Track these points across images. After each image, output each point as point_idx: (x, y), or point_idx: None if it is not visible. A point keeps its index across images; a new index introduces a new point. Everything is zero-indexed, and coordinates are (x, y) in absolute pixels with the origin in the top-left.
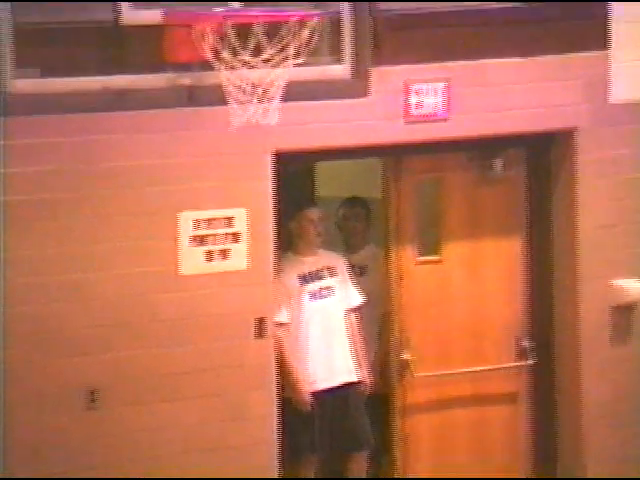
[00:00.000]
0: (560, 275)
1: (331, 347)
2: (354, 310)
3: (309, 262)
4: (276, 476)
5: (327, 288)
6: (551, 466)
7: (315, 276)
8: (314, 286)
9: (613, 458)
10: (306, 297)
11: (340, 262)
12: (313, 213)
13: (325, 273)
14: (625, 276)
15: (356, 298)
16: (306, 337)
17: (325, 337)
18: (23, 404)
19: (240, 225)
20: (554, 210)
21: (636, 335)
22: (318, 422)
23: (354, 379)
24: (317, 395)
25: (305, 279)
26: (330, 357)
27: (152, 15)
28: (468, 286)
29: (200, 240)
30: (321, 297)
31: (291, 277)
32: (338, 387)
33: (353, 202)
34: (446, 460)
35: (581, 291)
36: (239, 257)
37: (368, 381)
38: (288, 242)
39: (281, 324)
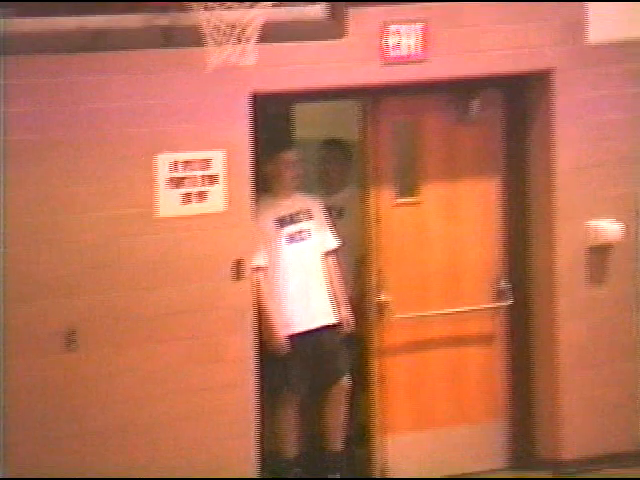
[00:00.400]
0: (536, 216)
1: (308, 290)
2: (331, 253)
3: (286, 205)
4: (255, 417)
5: (304, 231)
6: (527, 407)
7: (292, 219)
8: (291, 229)
9: (588, 399)
10: (283, 240)
11: (316, 205)
12: (290, 155)
13: (302, 216)
14: (601, 217)
15: (332, 241)
16: (284, 280)
17: (302, 280)
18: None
19: (217, 167)
20: (531, 151)
21: (612, 276)
22: (296, 363)
23: (332, 321)
24: (295, 338)
25: (282, 222)
26: (307, 300)
27: None
28: (446, 228)
29: (177, 182)
30: (298, 240)
31: (268, 220)
32: (316, 329)
33: (331, 144)
34: (423, 401)
35: (557, 232)
36: (217, 199)
37: (347, 321)
38: (264, 184)
39: (259, 268)
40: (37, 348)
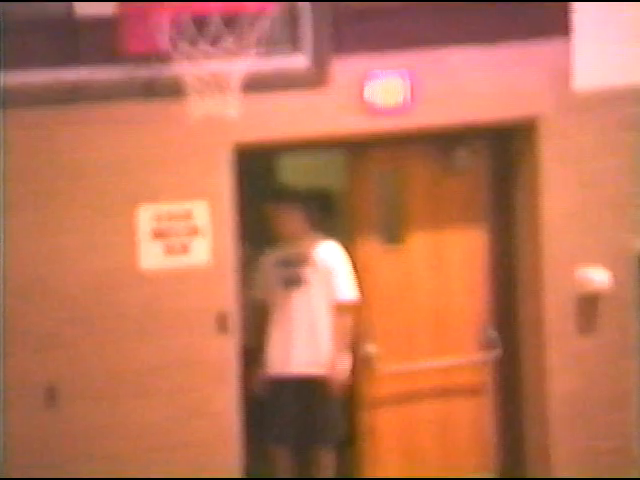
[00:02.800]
0: (524, 265)
1: (293, 335)
2: (343, 305)
3: (289, 249)
4: (240, 471)
5: (300, 277)
6: (518, 459)
7: (290, 263)
8: (286, 272)
9: (580, 451)
10: (278, 281)
11: (328, 253)
12: (270, 208)
13: (303, 261)
14: (590, 265)
15: (344, 293)
16: (271, 321)
17: (288, 324)
18: None
19: (201, 219)
20: (517, 199)
21: (602, 325)
22: (279, 412)
23: (315, 372)
24: (277, 382)
25: (281, 264)
26: (289, 345)
27: (106, 6)
28: (432, 276)
29: (160, 234)
30: (292, 284)
31: (270, 260)
32: (302, 379)
33: (311, 193)
34: (412, 453)
35: (545, 281)
36: (200, 251)
37: (339, 381)
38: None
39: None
40: (18, 403)
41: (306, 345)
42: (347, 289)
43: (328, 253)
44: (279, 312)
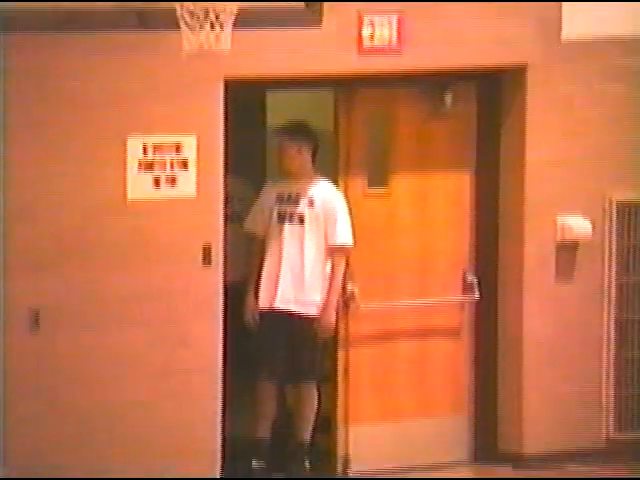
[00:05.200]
0: (506, 210)
1: (283, 271)
2: (338, 250)
3: (290, 186)
4: (220, 400)
5: (297, 215)
6: (491, 401)
7: (290, 200)
8: (285, 209)
9: (552, 395)
10: (275, 217)
11: (329, 196)
12: (282, 142)
13: (303, 201)
14: (570, 213)
15: (340, 237)
16: (266, 255)
17: (280, 260)
18: None
19: (189, 152)
20: (503, 145)
21: (580, 273)
22: (266, 346)
23: (300, 311)
24: (266, 316)
25: (280, 200)
26: (278, 281)
27: None
28: (416, 219)
29: (149, 166)
30: (289, 222)
31: (270, 194)
32: (288, 314)
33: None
34: (387, 392)
35: (526, 227)
36: (188, 184)
37: (325, 324)
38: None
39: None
40: (2, 326)
41: (294, 283)
42: (345, 234)
43: (329, 195)
44: (273, 247)
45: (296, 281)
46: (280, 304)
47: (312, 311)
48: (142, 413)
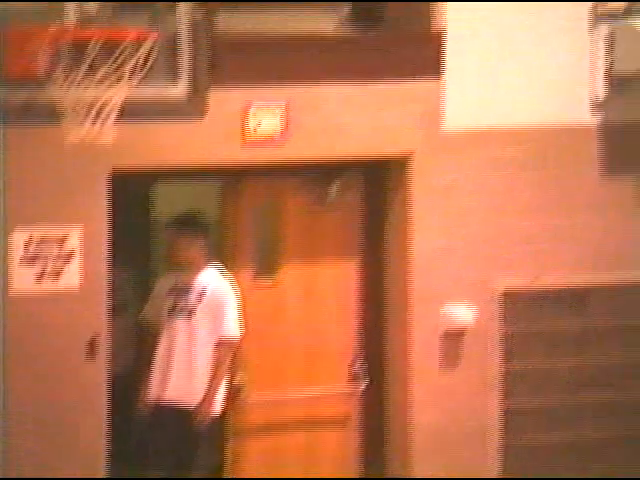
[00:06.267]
0: (392, 299)
1: (172, 364)
2: (225, 342)
3: (182, 276)
4: None
5: (188, 308)
6: None
7: (181, 292)
8: (177, 301)
9: None
10: (167, 309)
11: (219, 287)
12: (172, 234)
13: (193, 293)
14: (456, 301)
15: (229, 329)
16: (158, 347)
17: (171, 354)
18: None
19: (74, 243)
20: (388, 234)
21: (465, 361)
22: (155, 437)
23: (188, 402)
24: (155, 407)
25: (172, 292)
26: (170, 372)
27: None
28: (304, 309)
29: (33, 258)
30: (179, 314)
31: (164, 286)
32: (174, 407)
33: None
34: None
35: (412, 316)
36: (72, 276)
37: (205, 413)
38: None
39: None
40: None
41: (182, 377)
42: (233, 326)
43: (218, 285)
44: (164, 339)
45: (186, 374)
46: (168, 397)
47: (195, 403)
48: None
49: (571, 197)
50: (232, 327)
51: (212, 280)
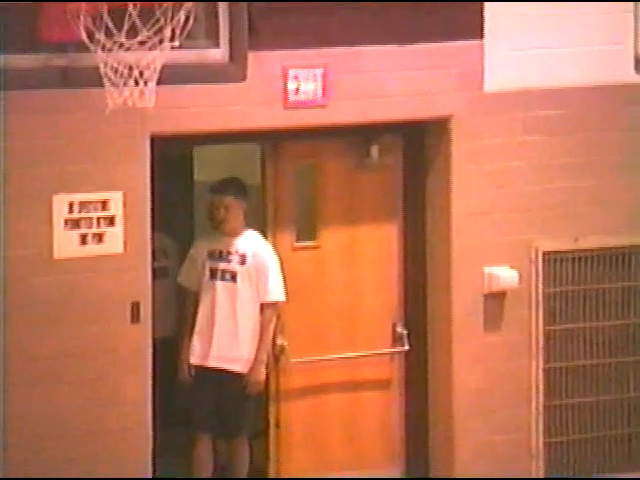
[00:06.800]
0: (434, 262)
1: (216, 329)
2: (270, 306)
3: (221, 242)
4: (150, 461)
5: (229, 272)
6: (423, 452)
7: (221, 257)
8: (216, 265)
9: (482, 444)
10: (207, 273)
11: (260, 252)
12: (215, 199)
13: (234, 257)
14: (497, 264)
15: (272, 293)
16: (199, 311)
17: (214, 318)
18: None
19: (116, 208)
20: (429, 197)
21: (507, 323)
22: (199, 401)
23: (232, 368)
24: (198, 372)
25: (212, 256)
26: (212, 338)
27: None
28: (344, 272)
29: (75, 224)
30: (221, 279)
31: (201, 250)
32: (219, 370)
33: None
34: (320, 445)
35: (454, 278)
36: (115, 241)
37: (256, 379)
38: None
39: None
40: None
41: (226, 341)
42: (276, 290)
43: (260, 250)
44: (206, 304)
45: (229, 338)
46: (213, 361)
47: (243, 368)
48: (73, 472)
49: (612, 157)
50: (276, 291)
51: (253, 244)
